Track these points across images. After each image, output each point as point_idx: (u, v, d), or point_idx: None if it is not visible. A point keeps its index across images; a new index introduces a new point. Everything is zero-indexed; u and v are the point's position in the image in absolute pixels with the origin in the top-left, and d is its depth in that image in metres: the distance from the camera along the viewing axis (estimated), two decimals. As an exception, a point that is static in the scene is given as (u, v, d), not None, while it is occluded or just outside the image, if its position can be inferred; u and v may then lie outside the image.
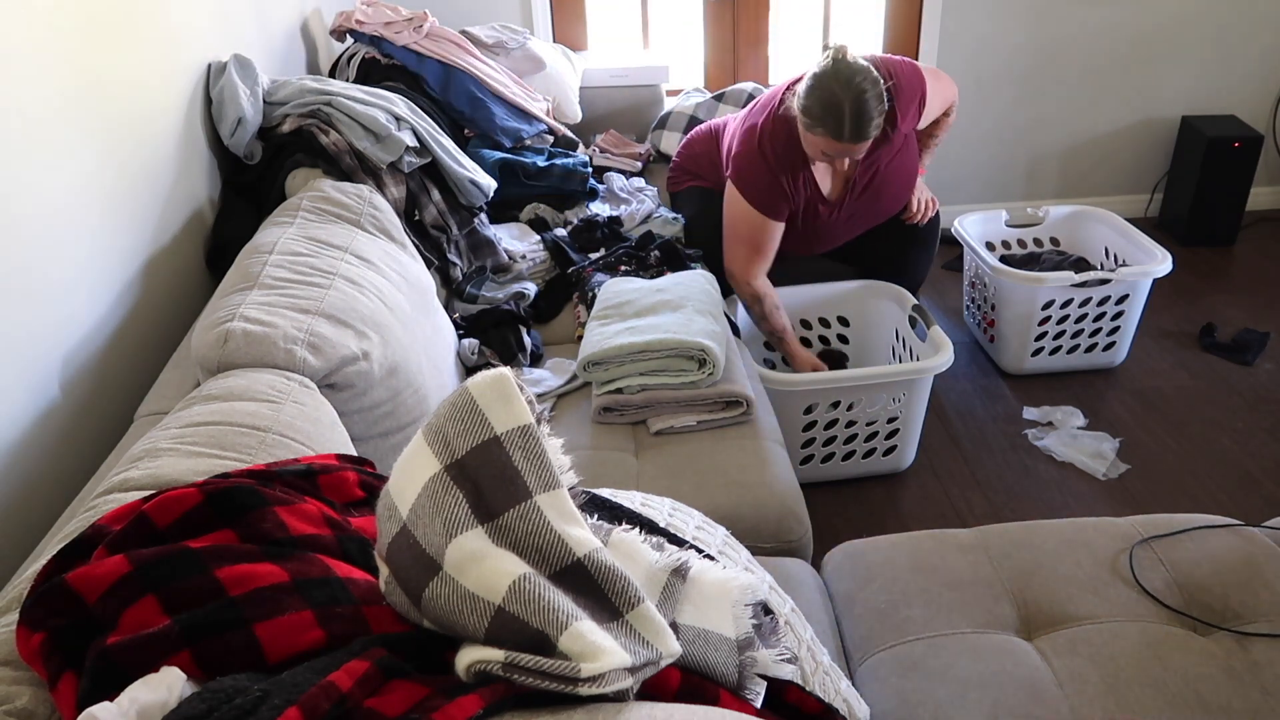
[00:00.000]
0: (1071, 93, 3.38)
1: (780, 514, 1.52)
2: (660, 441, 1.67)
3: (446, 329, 1.75)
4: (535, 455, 0.71)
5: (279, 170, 1.81)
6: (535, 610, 0.64)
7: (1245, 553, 1.31)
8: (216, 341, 1.20)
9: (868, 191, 2.22)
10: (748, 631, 0.82)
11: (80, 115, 1.37)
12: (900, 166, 2.23)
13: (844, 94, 1.91)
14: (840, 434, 2.17)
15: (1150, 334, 2.83)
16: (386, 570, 0.72)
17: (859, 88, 1.92)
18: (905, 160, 2.24)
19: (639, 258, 2.20)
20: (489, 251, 2.13)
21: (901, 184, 2.27)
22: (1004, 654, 1.19)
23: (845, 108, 1.92)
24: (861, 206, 2.25)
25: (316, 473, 0.94)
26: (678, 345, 1.68)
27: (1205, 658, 1.16)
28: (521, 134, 2.49)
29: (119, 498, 0.94)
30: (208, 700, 0.62)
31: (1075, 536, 1.37)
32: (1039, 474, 2.29)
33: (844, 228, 2.30)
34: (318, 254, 1.44)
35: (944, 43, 3.27)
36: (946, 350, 2.08)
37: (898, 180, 2.25)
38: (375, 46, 2.43)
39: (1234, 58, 3.35)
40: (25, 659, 0.74)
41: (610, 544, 0.82)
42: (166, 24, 1.67)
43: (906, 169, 2.25)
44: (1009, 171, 3.52)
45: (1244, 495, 2.20)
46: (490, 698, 0.62)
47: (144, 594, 0.72)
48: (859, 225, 2.32)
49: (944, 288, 3.18)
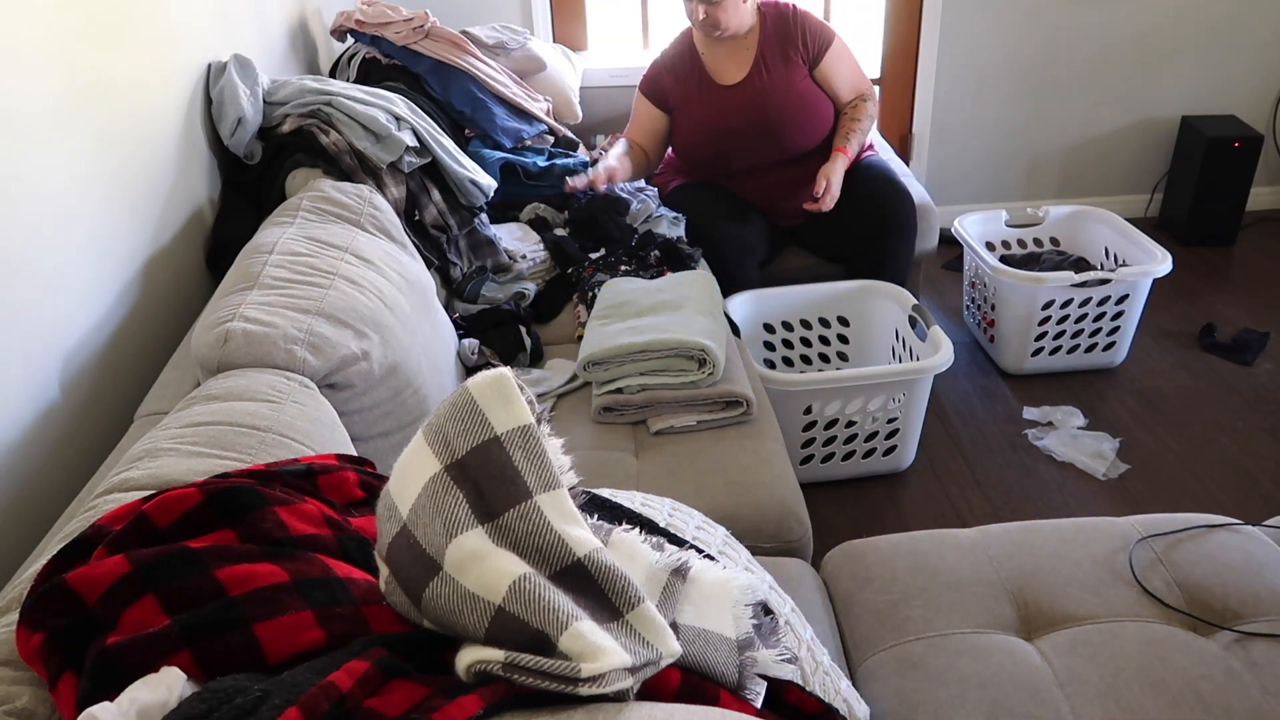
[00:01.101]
0: (1071, 93, 3.38)
1: (780, 514, 1.52)
2: (660, 441, 1.67)
3: (446, 329, 1.75)
4: (535, 455, 0.71)
5: (279, 170, 1.81)
6: (535, 610, 0.64)
7: (1245, 553, 1.31)
8: (216, 341, 1.20)
9: (760, 95, 2.34)
10: (748, 631, 0.82)
11: (80, 115, 1.37)
12: (799, 98, 2.36)
13: None
14: (840, 434, 2.17)
15: (1150, 334, 2.83)
16: (386, 570, 0.72)
17: None
18: (806, 96, 2.37)
19: (639, 258, 2.20)
20: (489, 251, 2.13)
21: (798, 109, 2.36)
22: (1004, 654, 1.19)
23: None
24: (754, 113, 2.34)
25: (316, 473, 0.94)
26: (678, 345, 1.68)
27: (1205, 658, 1.16)
28: (522, 134, 2.49)
29: (119, 498, 0.94)
30: (208, 700, 0.62)
31: (1075, 536, 1.37)
32: (1039, 474, 2.29)
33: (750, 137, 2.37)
34: (318, 254, 1.44)
35: (944, 43, 3.27)
36: (946, 350, 2.08)
37: (795, 105, 2.35)
38: (375, 46, 2.43)
39: (1233, 58, 3.35)
40: (25, 659, 0.74)
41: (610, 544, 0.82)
42: (166, 24, 1.67)
43: (809, 104, 2.37)
44: (1009, 171, 3.52)
45: (1244, 495, 2.20)
46: (490, 698, 0.62)
47: (144, 594, 0.72)
48: (763, 142, 2.38)
49: (944, 288, 3.18)
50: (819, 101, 2.39)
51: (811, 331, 2.47)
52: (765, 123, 2.35)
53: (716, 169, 2.46)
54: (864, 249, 2.43)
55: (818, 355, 2.50)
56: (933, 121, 3.40)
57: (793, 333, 2.45)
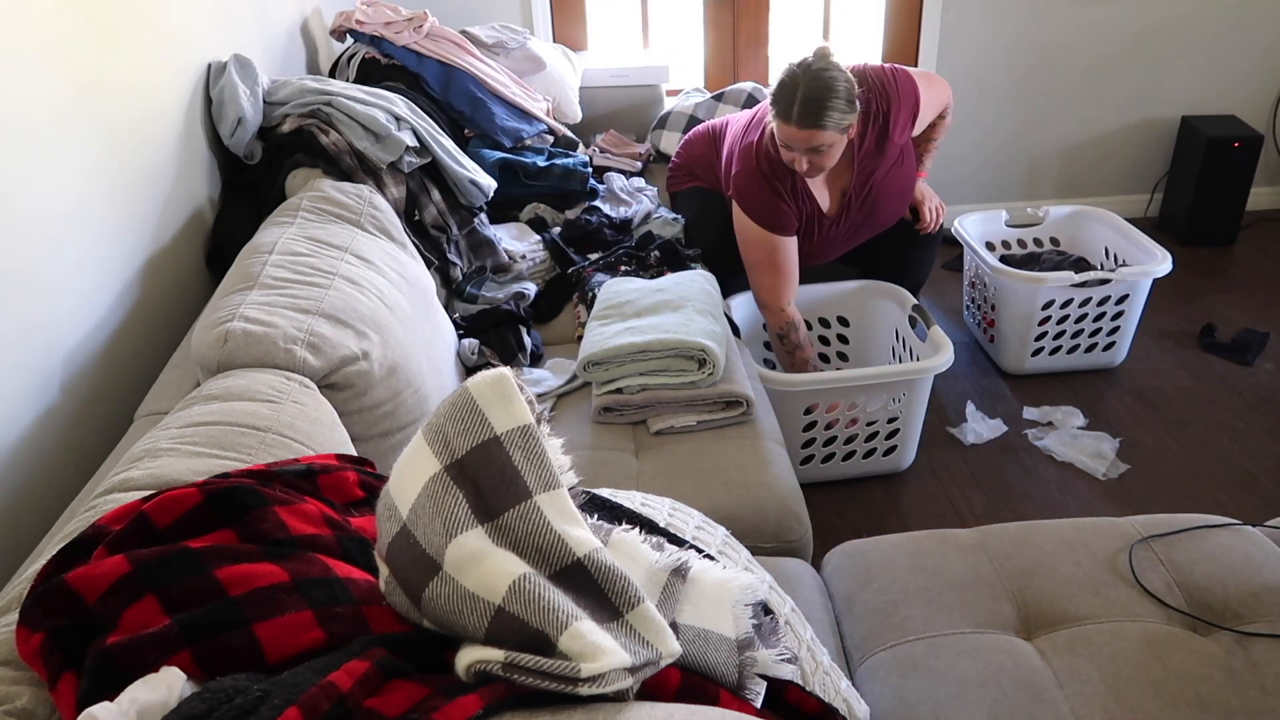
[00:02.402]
0: (1071, 93, 3.38)
1: (780, 514, 1.52)
2: (660, 441, 1.67)
3: (446, 329, 1.75)
4: (535, 455, 0.71)
5: (279, 170, 1.81)
6: (535, 610, 0.64)
7: (1245, 553, 1.31)
8: (216, 341, 1.20)
9: (866, 203, 2.21)
10: (748, 631, 0.82)
11: (80, 115, 1.37)
12: (897, 177, 2.22)
13: (801, 76, 1.92)
14: (840, 434, 2.17)
15: (1150, 334, 2.83)
16: (386, 570, 0.72)
17: (818, 72, 1.92)
18: (903, 170, 2.23)
19: (639, 258, 2.20)
20: (489, 251, 2.13)
21: (899, 195, 2.25)
22: (1004, 654, 1.19)
23: (799, 89, 1.91)
24: (860, 218, 2.24)
25: (316, 473, 0.94)
26: (678, 345, 1.68)
27: (1205, 658, 1.16)
28: (521, 134, 2.49)
29: (119, 498, 0.94)
30: (208, 700, 0.62)
31: (1075, 536, 1.37)
32: (1039, 474, 2.29)
33: (844, 240, 2.30)
34: (318, 254, 1.44)
35: (944, 43, 3.27)
36: (946, 350, 2.08)
37: (895, 191, 2.24)
38: (375, 46, 2.43)
39: (1234, 58, 3.35)
40: (25, 659, 0.74)
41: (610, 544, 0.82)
42: (166, 24, 1.67)
43: (903, 179, 2.24)
44: (1009, 171, 3.52)
45: (1244, 495, 2.20)
46: (490, 698, 0.62)
47: (144, 594, 0.72)
48: (859, 236, 2.31)
49: (944, 288, 3.18)
50: (909, 177, 2.22)
51: (812, 332, 2.47)
52: (872, 229, 2.27)
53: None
54: (888, 258, 2.43)
55: (818, 355, 2.50)
56: (933, 121, 3.40)
57: (793, 333, 2.45)
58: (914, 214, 2.35)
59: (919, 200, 2.34)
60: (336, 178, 1.80)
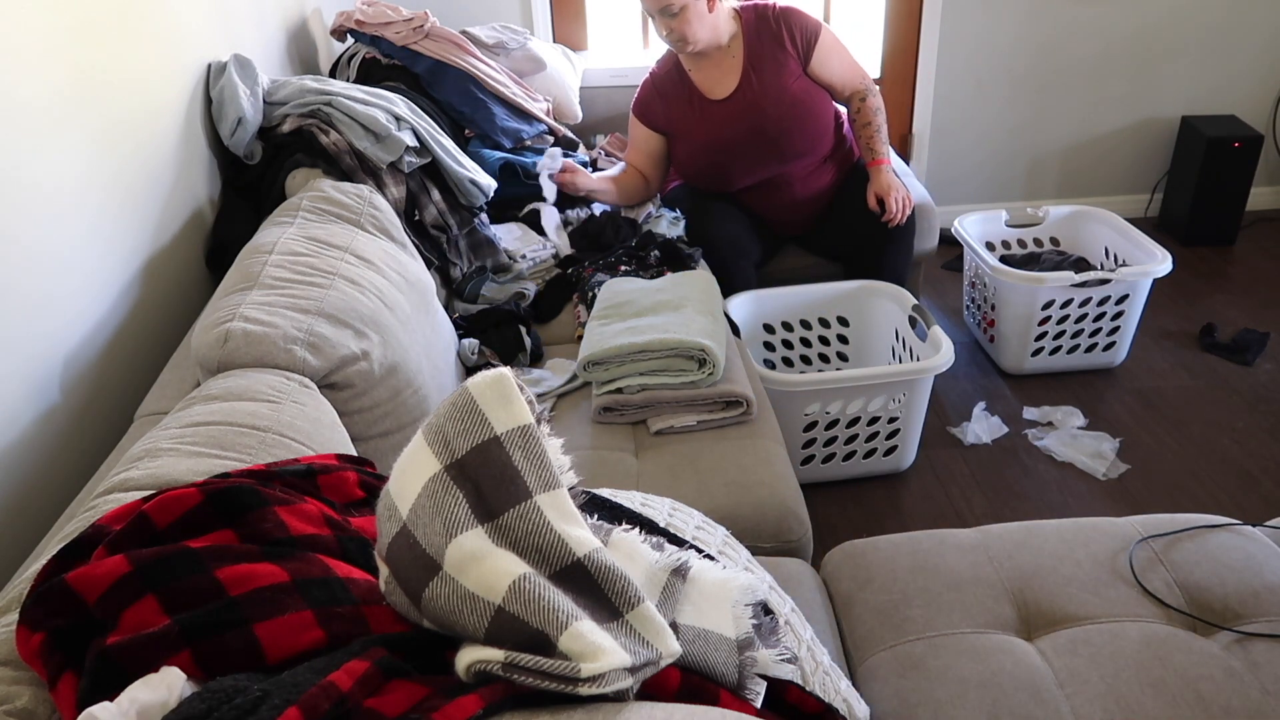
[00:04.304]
0: (1071, 93, 3.38)
1: (780, 514, 1.52)
2: (660, 441, 1.67)
3: (446, 329, 1.75)
4: (535, 455, 0.71)
5: (279, 170, 1.81)
6: (535, 610, 0.64)
7: (1245, 553, 1.31)
8: (216, 341, 1.20)
9: (750, 98, 2.28)
10: (748, 631, 0.82)
11: (79, 115, 1.37)
12: (795, 97, 2.29)
13: None
14: (840, 434, 2.17)
15: (1150, 334, 2.83)
16: (386, 570, 0.72)
17: None
18: (802, 96, 2.30)
19: (639, 258, 2.20)
20: (489, 251, 2.13)
21: (794, 105, 2.30)
22: (1004, 654, 1.19)
23: None
24: (750, 117, 2.29)
25: (316, 473, 0.94)
26: (678, 345, 1.68)
27: (1205, 658, 1.16)
28: (522, 134, 2.49)
29: (119, 498, 0.94)
30: (208, 700, 0.62)
31: (1075, 536, 1.37)
32: (1039, 474, 2.29)
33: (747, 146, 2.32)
34: (318, 254, 1.44)
35: (944, 43, 3.27)
36: (946, 350, 2.08)
37: (790, 100, 2.29)
38: (375, 46, 2.43)
39: (1233, 58, 3.35)
40: (25, 659, 0.74)
41: (610, 544, 0.82)
42: (166, 24, 1.67)
43: (804, 105, 2.30)
44: (1009, 171, 3.52)
45: (1244, 495, 2.20)
46: (490, 698, 0.62)
47: (144, 594, 0.72)
48: (765, 153, 2.34)
49: (944, 288, 3.18)
50: (816, 99, 2.32)
51: (811, 332, 2.47)
52: (763, 132, 2.30)
53: (719, 184, 2.41)
54: (862, 251, 2.43)
55: (818, 355, 2.50)
56: (933, 121, 3.40)
57: (793, 333, 2.45)
58: (881, 206, 2.35)
59: (884, 191, 2.32)
60: (336, 178, 1.80)
